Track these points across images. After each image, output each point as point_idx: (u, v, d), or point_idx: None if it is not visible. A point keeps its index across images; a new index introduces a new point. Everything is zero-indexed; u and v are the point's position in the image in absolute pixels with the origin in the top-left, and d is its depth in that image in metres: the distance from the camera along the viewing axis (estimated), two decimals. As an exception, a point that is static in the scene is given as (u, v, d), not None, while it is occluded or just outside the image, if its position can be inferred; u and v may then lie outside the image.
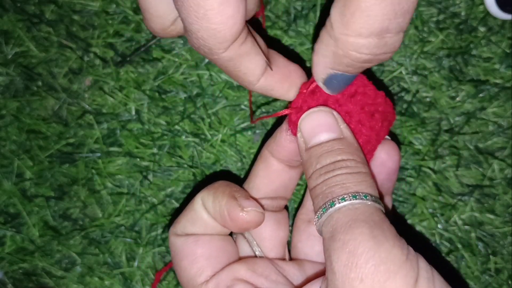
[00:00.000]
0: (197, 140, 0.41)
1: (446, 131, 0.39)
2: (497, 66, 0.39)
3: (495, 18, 0.39)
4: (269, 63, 0.27)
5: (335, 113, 0.28)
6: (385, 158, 0.29)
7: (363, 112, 0.28)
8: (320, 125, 0.27)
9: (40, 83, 0.42)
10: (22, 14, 0.42)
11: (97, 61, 0.41)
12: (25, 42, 0.42)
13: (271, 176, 0.31)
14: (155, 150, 0.41)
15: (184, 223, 0.30)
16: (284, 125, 0.30)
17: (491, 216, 0.39)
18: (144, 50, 0.41)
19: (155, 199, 0.41)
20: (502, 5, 0.38)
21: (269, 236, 0.31)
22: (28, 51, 0.42)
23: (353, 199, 0.24)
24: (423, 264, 0.23)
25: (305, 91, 0.28)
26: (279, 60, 0.29)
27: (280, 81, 0.28)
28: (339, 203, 0.24)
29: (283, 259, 0.32)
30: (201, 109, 0.40)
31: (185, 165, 0.41)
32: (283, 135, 0.29)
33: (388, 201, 0.32)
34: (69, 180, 0.42)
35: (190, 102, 0.41)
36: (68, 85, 0.42)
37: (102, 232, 0.41)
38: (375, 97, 0.28)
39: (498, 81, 0.39)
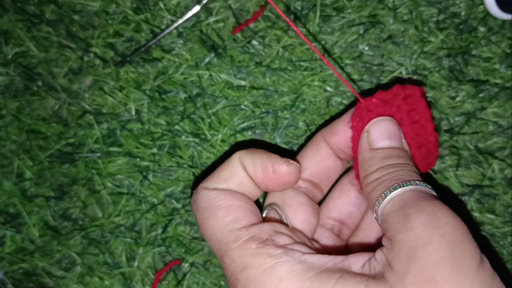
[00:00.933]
0: (197, 140, 0.41)
1: (446, 131, 0.39)
2: (497, 66, 0.39)
3: (495, 18, 0.39)
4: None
5: (400, 128, 0.31)
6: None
7: (413, 141, 0.31)
8: (388, 132, 0.29)
9: (40, 83, 0.42)
10: (22, 14, 0.42)
11: (97, 61, 0.41)
12: (25, 42, 0.42)
13: (319, 159, 0.32)
14: (155, 150, 0.41)
15: (217, 179, 0.30)
16: (345, 116, 0.32)
17: (491, 216, 0.39)
18: (144, 50, 0.41)
19: (155, 199, 0.41)
20: (502, 5, 0.38)
21: (302, 219, 0.32)
22: (28, 51, 0.42)
23: (424, 186, 0.26)
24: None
25: (380, 96, 0.31)
26: None
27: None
28: (411, 185, 0.26)
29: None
30: (201, 109, 0.40)
31: (185, 165, 0.41)
32: (341, 124, 0.32)
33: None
34: (69, 180, 0.42)
35: (190, 102, 0.41)
36: (68, 85, 0.42)
37: (102, 232, 0.41)
38: (429, 134, 0.31)
39: (498, 81, 0.39)
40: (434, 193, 0.26)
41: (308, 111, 0.40)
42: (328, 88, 0.40)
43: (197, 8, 0.40)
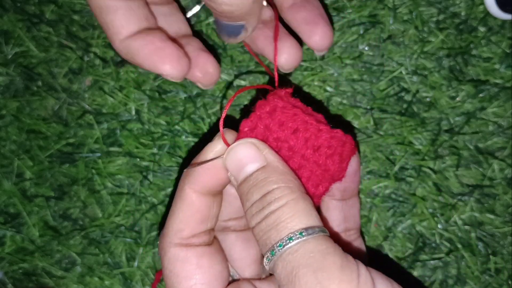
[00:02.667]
0: (197, 140, 0.41)
1: (446, 131, 0.39)
2: (497, 66, 0.39)
3: (495, 18, 0.39)
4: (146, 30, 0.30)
5: (255, 141, 0.28)
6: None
7: (305, 147, 0.28)
8: (242, 158, 0.27)
9: (40, 83, 0.42)
10: (22, 14, 0.42)
11: (97, 61, 0.41)
12: (25, 42, 0.42)
13: (193, 210, 0.30)
14: (155, 150, 0.41)
15: (179, 224, 0.29)
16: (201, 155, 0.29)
17: (491, 216, 0.39)
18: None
19: (155, 199, 0.41)
20: (502, 5, 0.38)
21: (239, 256, 0.31)
22: (28, 51, 0.42)
23: (289, 241, 0.24)
24: (378, 279, 0.24)
25: (246, 129, 0.28)
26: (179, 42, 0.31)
27: (149, 52, 0.30)
28: (278, 250, 0.24)
29: (258, 278, 0.32)
30: (201, 109, 0.40)
31: (185, 165, 0.41)
32: (200, 170, 0.29)
33: (355, 202, 0.32)
34: (69, 180, 0.42)
35: (190, 102, 0.41)
36: (68, 85, 0.42)
37: (102, 232, 0.41)
38: (319, 132, 0.28)
39: (498, 81, 0.39)
40: (305, 237, 0.24)
41: (308, 111, 0.40)
42: (328, 88, 0.40)
43: (197, 8, 0.40)
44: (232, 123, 0.31)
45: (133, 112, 0.41)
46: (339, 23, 0.40)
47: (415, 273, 0.40)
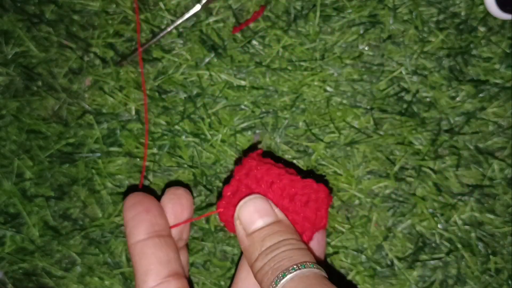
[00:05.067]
0: (197, 140, 0.41)
1: (446, 131, 0.39)
2: (497, 66, 0.39)
3: (495, 18, 0.39)
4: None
5: (267, 199, 0.30)
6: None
7: (282, 198, 0.30)
8: (257, 211, 0.29)
9: (40, 83, 0.42)
10: (22, 14, 0.42)
11: (97, 61, 0.41)
12: (25, 42, 0.42)
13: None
14: (155, 150, 0.41)
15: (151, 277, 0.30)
16: None
17: (491, 216, 0.39)
18: (144, 49, 0.41)
19: (155, 199, 0.41)
20: (502, 5, 0.38)
21: None
22: (28, 51, 0.42)
23: (302, 268, 0.26)
24: None
25: (229, 193, 0.31)
26: None
27: None
28: (290, 273, 0.25)
29: None
30: (201, 109, 0.40)
31: (185, 165, 0.41)
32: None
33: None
34: (69, 180, 0.42)
35: (190, 102, 0.41)
36: (68, 85, 0.42)
37: (102, 232, 0.41)
38: (291, 183, 0.31)
39: (498, 81, 0.39)
40: (317, 271, 0.26)
41: (308, 111, 0.40)
42: (328, 88, 0.40)
43: (197, 8, 0.40)
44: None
45: (133, 112, 0.41)
46: (339, 23, 0.40)
47: (415, 273, 0.40)
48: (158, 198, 0.33)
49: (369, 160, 0.40)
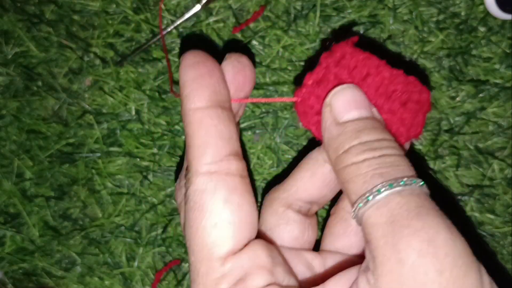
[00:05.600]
0: (197, 140, 0.41)
1: (446, 131, 0.39)
2: (497, 66, 0.39)
3: (495, 18, 0.39)
4: None
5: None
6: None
7: (378, 95, 0.26)
8: (354, 101, 0.25)
9: (40, 83, 0.42)
10: (22, 14, 0.42)
11: (97, 61, 0.41)
12: (25, 42, 0.42)
13: (317, 179, 0.28)
14: (155, 150, 0.41)
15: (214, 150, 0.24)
16: None
17: (491, 216, 0.39)
18: (144, 50, 0.41)
19: (155, 199, 0.41)
20: (502, 5, 0.38)
21: (293, 237, 0.28)
22: (28, 51, 0.42)
23: (413, 184, 0.22)
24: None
25: (311, 82, 0.26)
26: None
27: None
28: (399, 186, 0.21)
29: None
30: (201, 109, 0.40)
31: (185, 165, 0.41)
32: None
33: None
34: (69, 180, 0.42)
35: (190, 102, 0.41)
36: (68, 85, 0.42)
37: (102, 232, 0.41)
38: (391, 77, 0.26)
39: (498, 81, 0.39)
40: (426, 190, 0.23)
41: (308, 111, 0.40)
42: (328, 88, 0.40)
43: (197, 8, 0.40)
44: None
45: (133, 112, 0.41)
46: (339, 23, 0.40)
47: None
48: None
49: (369, 160, 0.40)
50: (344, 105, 0.25)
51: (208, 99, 0.24)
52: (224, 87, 0.25)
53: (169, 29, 0.40)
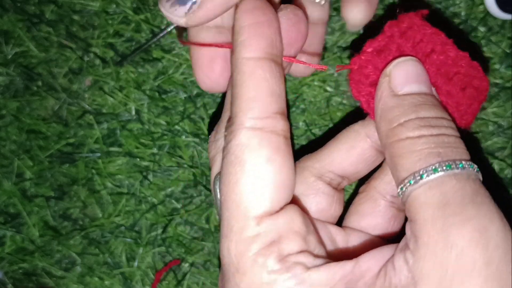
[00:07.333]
0: (197, 140, 0.41)
1: (446, 131, 0.39)
2: (497, 66, 0.39)
3: (495, 18, 0.39)
4: None
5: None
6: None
7: (439, 74, 0.25)
8: (417, 75, 0.24)
9: (40, 83, 0.42)
10: (22, 14, 0.42)
11: (97, 61, 0.41)
12: (25, 42, 0.42)
13: (356, 153, 0.27)
14: (155, 150, 0.41)
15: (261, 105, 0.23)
16: None
17: (491, 216, 0.39)
18: (144, 50, 0.41)
19: (155, 199, 0.41)
20: (502, 5, 0.38)
21: (320, 209, 0.28)
22: (28, 51, 0.42)
23: (471, 169, 0.21)
24: None
25: (371, 50, 0.25)
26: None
27: None
28: (457, 168, 0.21)
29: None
30: (201, 109, 0.40)
31: (185, 165, 0.41)
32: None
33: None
34: (69, 180, 0.42)
35: (190, 102, 0.41)
36: (68, 85, 0.42)
37: (102, 232, 0.41)
38: (456, 58, 0.25)
39: (498, 81, 0.39)
40: (480, 177, 0.22)
41: (308, 111, 0.40)
42: (328, 88, 0.40)
43: (197, 8, 0.40)
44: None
45: (133, 112, 0.41)
46: (339, 23, 0.40)
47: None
48: None
49: (369, 160, 0.40)
50: (405, 77, 0.24)
51: (264, 50, 0.23)
52: (280, 41, 0.24)
53: (169, 29, 0.40)
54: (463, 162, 0.21)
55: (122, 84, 0.41)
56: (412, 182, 0.21)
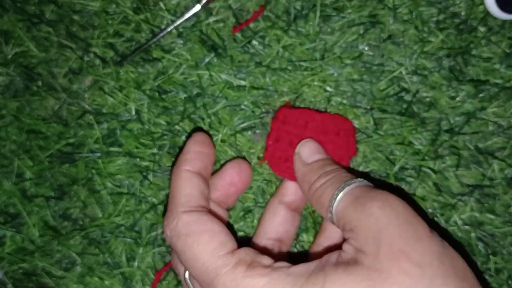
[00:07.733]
0: (197, 140, 0.41)
1: (446, 131, 0.39)
2: (497, 66, 0.39)
3: (495, 18, 0.39)
4: None
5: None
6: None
7: (318, 134, 0.36)
8: (315, 148, 0.35)
9: (40, 83, 0.42)
10: (22, 14, 0.42)
11: (97, 61, 0.41)
12: (25, 42, 0.42)
13: (278, 219, 0.37)
14: (155, 150, 0.41)
15: (190, 199, 0.33)
16: (289, 183, 0.37)
17: (491, 216, 0.39)
18: (144, 50, 0.41)
19: (155, 199, 0.41)
20: (502, 5, 0.38)
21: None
22: (28, 51, 0.42)
23: (360, 182, 0.30)
24: None
25: (271, 142, 0.37)
26: None
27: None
28: (354, 183, 0.30)
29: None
30: (201, 109, 0.40)
31: (185, 165, 0.41)
32: (289, 185, 0.37)
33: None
34: (69, 180, 0.42)
35: (190, 102, 0.41)
36: (68, 85, 0.42)
37: (102, 232, 0.41)
38: (322, 119, 0.36)
39: (498, 81, 0.39)
40: (372, 185, 0.31)
41: (308, 111, 0.40)
42: (328, 88, 0.40)
43: (197, 8, 0.40)
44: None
45: (133, 112, 0.41)
46: (339, 23, 0.40)
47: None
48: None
49: (369, 160, 0.40)
50: (309, 151, 0.35)
51: (198, 169, 0.34)
52: (211, 167, 0.36)
53: (169, 29, 0.40)
54: (358, 180, 0.31)
55: (122, 84, 0.41)
56: (333, 202, 0.30)
